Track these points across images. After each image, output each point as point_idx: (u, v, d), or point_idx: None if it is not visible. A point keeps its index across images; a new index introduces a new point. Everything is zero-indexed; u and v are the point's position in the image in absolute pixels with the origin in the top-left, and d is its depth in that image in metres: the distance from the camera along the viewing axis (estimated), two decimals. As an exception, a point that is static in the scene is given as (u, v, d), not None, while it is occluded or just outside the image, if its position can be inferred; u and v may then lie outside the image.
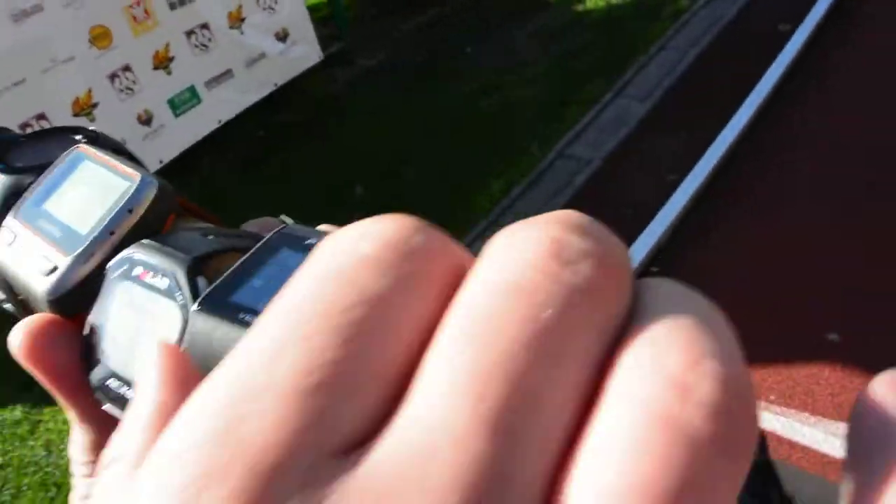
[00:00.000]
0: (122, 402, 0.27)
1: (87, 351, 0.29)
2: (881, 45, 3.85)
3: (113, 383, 0.28)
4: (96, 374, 0.29)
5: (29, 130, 0.39)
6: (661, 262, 2.92)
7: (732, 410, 0.13)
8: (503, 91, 4.29)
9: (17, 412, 2.87)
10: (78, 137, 0.37)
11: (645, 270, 2.83)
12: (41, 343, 0.30)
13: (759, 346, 2.21)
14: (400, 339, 0.15)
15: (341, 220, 0.24)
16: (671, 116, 3.80)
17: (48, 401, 2.85)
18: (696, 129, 3.56)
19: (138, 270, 0.28)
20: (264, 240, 0.26)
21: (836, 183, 3.05)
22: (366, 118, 4.23)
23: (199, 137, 3.98)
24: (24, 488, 2.61)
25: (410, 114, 4.18)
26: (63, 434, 2.76)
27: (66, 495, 2.53)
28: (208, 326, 0.23)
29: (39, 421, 2.84)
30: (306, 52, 4.46)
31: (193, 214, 0.35)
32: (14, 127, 0.39)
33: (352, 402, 0.14)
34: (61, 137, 0.37)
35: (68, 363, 0.30)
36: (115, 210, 0.31)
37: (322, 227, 0.31)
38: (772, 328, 2.39)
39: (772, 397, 2.28)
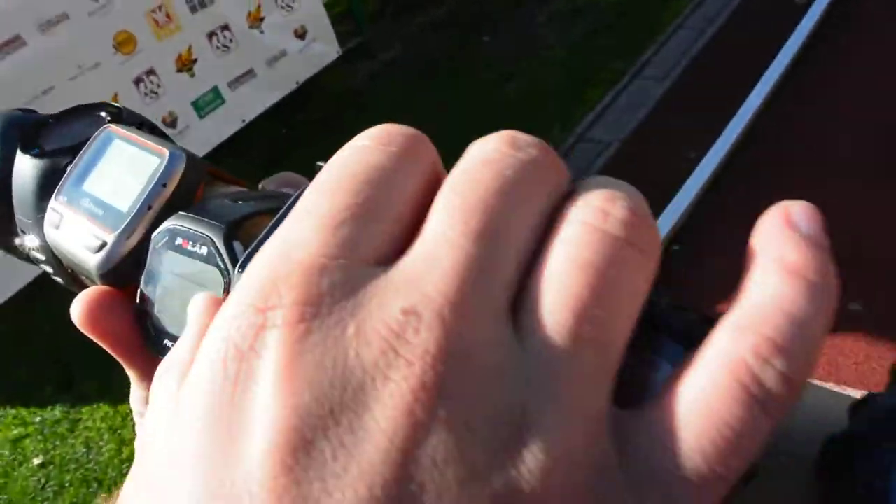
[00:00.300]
0: None
1: (141, 316, 0.32)
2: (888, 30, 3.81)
3: (168, 344, 0.30)
4: (151, 337, 0.31)
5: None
6: (684, 240, 2.93)
7: (637, 224, 0.19)
8: (523, 77, 4.29)
9: (57, 412, 2.94)
10: (103, 114, 0.39)
11: (667, 248, 2.83)
12: (97, 313, 0.33)
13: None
14: (396, 188, 0.21)
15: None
16: (690, 95, 3.78)
17: (86, 400, 2.93)
18: (715, 106, 3.54)
19: (179, 240, 0.30)
20: (292, 199, 0.28)
21: (853, 159, 3.03)
22: (388, 111, 4.23)
23: (224, 137, 3.99)
24: (67, 485, 2.67)
25: (431, 104, 4.19)
26: (101, 431, 2.82)
27: (107, 490, 2.60)
28: None
29: (78, 420, 2.90)
30: (325, 48, 4.47)
31: (221, 179, 0.37)
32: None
33: (370, 230, 0.20)
34: (87, 115, 0.39)
35: (124, 329, 0.33)
36: (150, 186, 0.33)
37: None
38: (794, 301, 2.38)
39: (795, 369, 2.27)
